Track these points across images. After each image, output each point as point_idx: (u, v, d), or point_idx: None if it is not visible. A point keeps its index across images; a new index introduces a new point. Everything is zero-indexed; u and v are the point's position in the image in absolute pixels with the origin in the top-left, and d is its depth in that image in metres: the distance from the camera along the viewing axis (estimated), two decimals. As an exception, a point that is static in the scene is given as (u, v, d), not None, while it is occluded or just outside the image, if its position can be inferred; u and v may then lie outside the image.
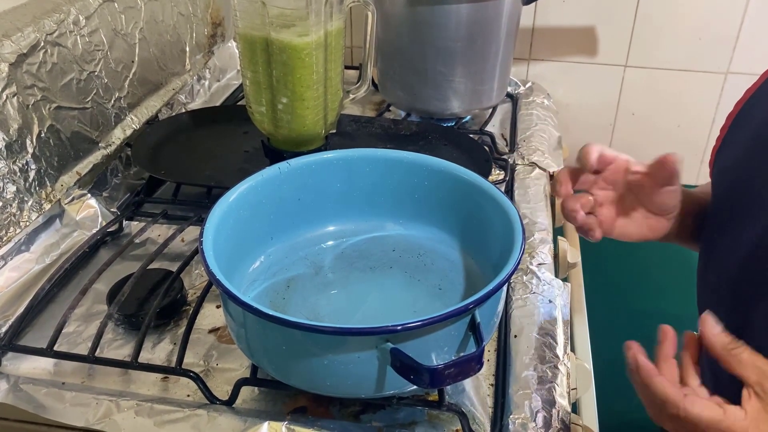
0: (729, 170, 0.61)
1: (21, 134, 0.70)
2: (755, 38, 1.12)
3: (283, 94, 0.73)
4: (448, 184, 0.64)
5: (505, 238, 0.55)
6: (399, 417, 0.57)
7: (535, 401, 0.56)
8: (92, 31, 0.81)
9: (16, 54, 0.69)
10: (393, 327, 0.45)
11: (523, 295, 0.68)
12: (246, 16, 0.70)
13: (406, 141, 0.94)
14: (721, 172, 0.63)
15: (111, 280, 0.69)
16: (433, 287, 0.62)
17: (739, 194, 0.59)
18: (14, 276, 0.70)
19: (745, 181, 0.58)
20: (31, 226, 0.72)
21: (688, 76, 1.18)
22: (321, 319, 0.59)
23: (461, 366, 0.45)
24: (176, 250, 0.76)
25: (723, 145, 0.63)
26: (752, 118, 0.60)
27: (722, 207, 0.60)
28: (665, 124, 1.23)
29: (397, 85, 1.03)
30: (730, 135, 0.62)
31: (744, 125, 0.61)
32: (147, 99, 0.95)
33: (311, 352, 0.48)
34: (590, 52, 1.20)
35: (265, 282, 0.62)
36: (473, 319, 0.49)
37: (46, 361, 0.62)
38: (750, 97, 0.62)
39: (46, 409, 0.56)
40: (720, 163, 0.63)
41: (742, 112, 0.62)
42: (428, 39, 0.95)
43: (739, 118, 0.62)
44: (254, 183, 0.62)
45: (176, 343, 0.64)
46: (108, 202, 0.83)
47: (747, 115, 0.61)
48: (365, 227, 0.68)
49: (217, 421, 0.54)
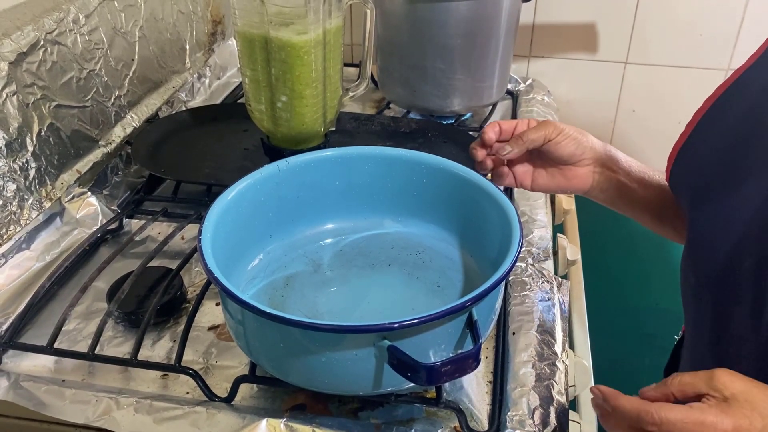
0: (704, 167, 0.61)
1: (21, 133, 0.70)
2: (756, 34, 1.12)
3: (282, 92, 0.73)
4: (447, 182, 0.65)
5: (503, 236, 0.55)
6: (397, 414, 0.57)
7: (532, 398, 0.56)
8: (92, 30, 0.81)
9: (16, 53, 0.69)
10: (390, 324, 0.45)
11: (522, 293, 0.68)
12: (245, 14, 0.70)
13: (406, 138, 0.94)
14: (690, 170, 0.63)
15: (111, 277, 0.69)
16: (432, 284, 0.62)
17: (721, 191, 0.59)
18: (15, 274, 0.70)
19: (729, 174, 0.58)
20: (32, 225, 0.72)
21: (689, 72, 1.18)
22: (320, 317, 0.59)
23: (458, 363, 0.45)
24: (176, 248, 0.76)
25: (692, 141, 0.63)
26: (726, 116, 0.60)
27: (702, 204, 0.60)
28: (666, 121, 1.23)
29: (396, 83, 1.03)
30: (701, 131, 0.62)
31: (717, 123, 0.61)
32: (147, 97, 0.96)
33: (309, 350, 0.49)
34: (591, 49, 1.20)
35: (264, 280, 0.62)
36: (470, 316, 0.49)
37: (46, 359, 0.62)
38: (722, 93, 0.61)
39: (46, 406, 0.56)
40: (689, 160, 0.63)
41: (714, 108, 0.62)
42: (428, 36, 0.95)
43: (710, 116, 0.62)
44: (253, 181, 0.62)
45: (176, 341, 0.64)
46: (108, 200, 0.84)
47: (720, 112, 0.61)
48: (364, 225, 0.69)
49: (216, 418, 0.54)
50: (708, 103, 0.62)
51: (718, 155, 0.59)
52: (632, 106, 1.24)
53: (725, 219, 0.57)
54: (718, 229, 0.58)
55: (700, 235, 0.59)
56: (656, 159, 1.37)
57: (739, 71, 0.61)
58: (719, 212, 0.58)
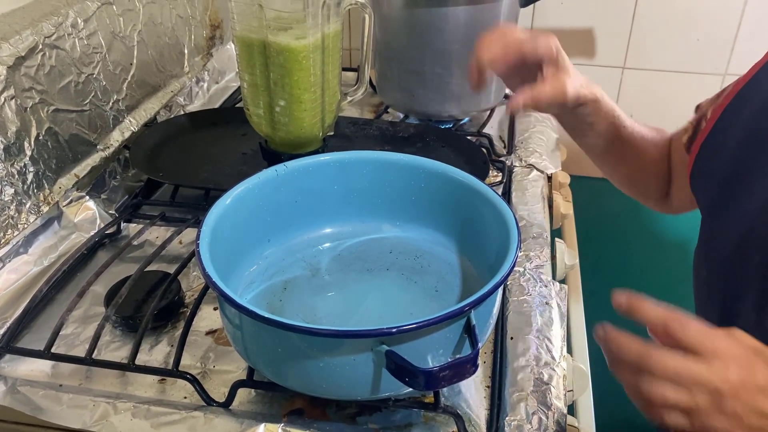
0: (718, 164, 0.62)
1: (19, 137, 0.70)
2: (753, 39, 1.12)
3: (280, 97, 0.73)
4: (445, 187, 0.65)
5: (501, 241, 0.56)
6: (395, 419, 0.57)
7: (530, 403, 0.56)
8: (90, 34, 0.81)
9: (14, 57, 0.69)
10: (388, 329, 0.45)
11: (520, 297, 0.68)
12: (243, 18, 0.70)
13: (404, 143, 0.94)
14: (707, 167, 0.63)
15: (109, 282, 0.69)
16: (430, 289, 0.62)
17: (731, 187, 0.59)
18: (12, 278, 0.70)
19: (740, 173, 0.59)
20: (29, 229, 0.72)
21: (687, 77, 1.18)
22: (318, 321, 0.59)
23: (456, 368, 0.45)
24: (174, 252, 0.76)
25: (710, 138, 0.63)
26: (741, 113, 0.60)
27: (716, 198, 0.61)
28: (663, 126, 1.23)
29: (395, 87, 1.04)
30: (719, 127, 0.63)
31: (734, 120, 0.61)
32: (145, 101, 0.96)
33: (307, 355, 0.49)
34: (588, 53, 1.20)
35: (262, 284, 0.62)
36: (468, 321, 0.49)
37: (43, 363, 0.62)
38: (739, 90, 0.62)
39: (44, 411, 0.56)
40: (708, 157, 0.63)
41: (732, 104, 0.62)
42: (426, 41, 0.96)
43: (728, 111, 0.62)
44: (251, 185, 0.62)
45: (173, 345, 0.64)
46: (106, 205, 0.84)
47: (737, 109, 0.61)
48: (362, 229, 0.69)
49: (214, 423, 0.54)
50: (727, 99, 0.63)
51: (734, 152, 0.60)
52: (630, 110, 1.23)
53: (737, 215, 0.57)
54: (730, 224, 0.58)
55: (714, 230, 0.60)
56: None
57: (756, 67, 0.61)
58: (732, 208, 0.58)
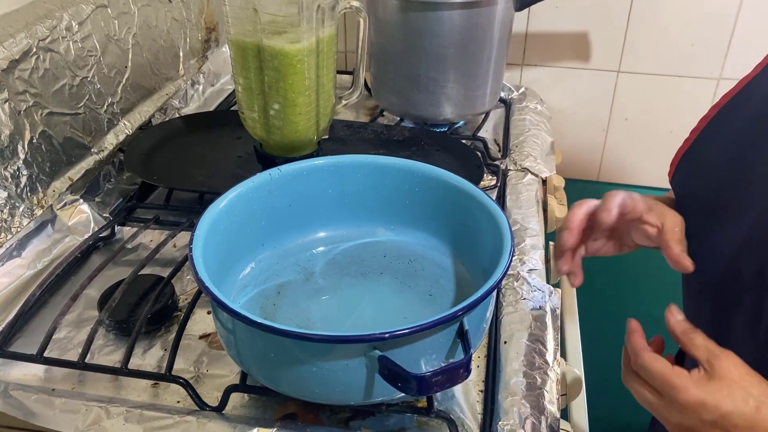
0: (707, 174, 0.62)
1: (13, 140, 0.70)
2: (747, 44, 1.12)
3: (275, 100, 0.73)
4: (439, 191, 0.65)
5: (495, 245, 0.56)
6: (388, 424, 0.57)
7: (524, 407, 0.56)
8: (85, 37, 0.81)
9: (8, 60, 0.69)
10: (380, 335, 0.45)
11: (514, 301, 0.68)
12: (238, 22, 0.70)
13: (399, 146, 0.94)
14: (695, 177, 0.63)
15: (102, 285, 0.69)
16: (424, 293, 0.62)
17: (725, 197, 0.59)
18: (5, 282, 0.70)
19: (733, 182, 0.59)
20: (23, 232, 0.72)
21: (681, 81, 1.19)
22: (312, 326, 0.59)
23: (449, 373, 0.45)
24: (168, 256, 0.76)
25: (696, 147, 0.64)
26: (731, 123, 0.61)
27: (705, 211, 0.61)
28: (658, 130, 1.24)
29: (390, 91, 1.04)
30: (706, 137, 0.63)
31: (723, 130, 0.61)
32: (140, 104, 0.95)
33: (299, 360, 0.49)
34: (583, 57, 1.20)
35: (255, 288, 0.62)
36: (461, 326, 0.49)
37: (36, 368, 0.62)
38: (728, 101, 0.62)
39: (36, 415, 0.56)
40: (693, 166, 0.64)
41: (720, 115, 0.62)
42: (421, 45, 0.96)
43: (715, 122, 0.62)
44: (245, 189, 0.62)
45: (167, 349, 0.64)
46: (100, 208, 0.83)
47: (726, 119, 0.61)
48: (356, 233, 0.69)
49: (207, 427, 0.54)
50: (714, 111, 0.63)
51: (724, 162, 0.60)
52: (625, 114, 1.25)
53: (729, 226, 0.57)
54: (721, 236, 0.58)
55: (705, 241, 0.60)
56: (648, 167, 1.38)
57: (745, 80, 0.62)
58: (723, 219, 0.58)
